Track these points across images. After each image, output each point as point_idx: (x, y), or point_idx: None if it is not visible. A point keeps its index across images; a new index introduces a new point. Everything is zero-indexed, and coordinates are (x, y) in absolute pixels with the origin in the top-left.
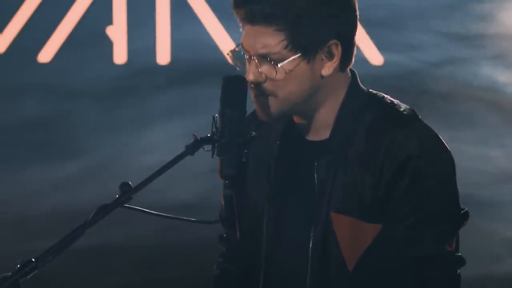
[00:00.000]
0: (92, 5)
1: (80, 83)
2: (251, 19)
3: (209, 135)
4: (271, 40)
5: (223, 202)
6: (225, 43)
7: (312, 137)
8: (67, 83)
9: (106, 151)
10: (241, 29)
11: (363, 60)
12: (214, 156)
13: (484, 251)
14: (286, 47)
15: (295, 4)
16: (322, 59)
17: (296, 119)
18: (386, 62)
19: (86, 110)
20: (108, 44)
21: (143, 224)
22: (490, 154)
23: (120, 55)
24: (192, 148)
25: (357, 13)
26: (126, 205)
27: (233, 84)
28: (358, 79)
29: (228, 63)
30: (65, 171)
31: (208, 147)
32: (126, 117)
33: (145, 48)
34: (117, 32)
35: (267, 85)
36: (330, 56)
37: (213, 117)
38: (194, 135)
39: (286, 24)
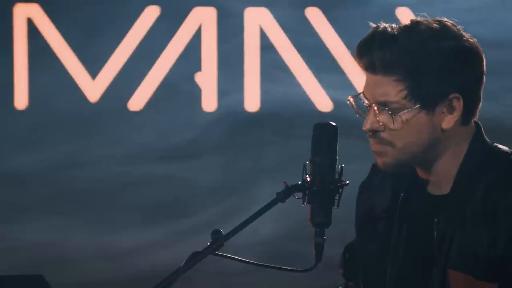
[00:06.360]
0: (183, 51)
1: (168, 138)
2: (372, 68)
3: (299, 182)
4: (390, 89)
5: (314, 251)
6: (313, 89)
7: (434, 190)
8: (157, 135)
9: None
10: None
11: None
12: (305, 203)
13: None
14: (405, 97)
15: (416, 54)
16: (443, 112)
17: (419, 172)
18: None
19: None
20: (197, 91)
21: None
22: None
23: (209, 102)
24: (283, 195)
25: (484, 68)
26: (218, 253)
27: (324, 132)
28: (482, 132)
29: (317, 113)
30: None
31: (299, 194)
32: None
33: (234, 95)
34: (206, 78)
35: (384, 135)
36: (451, 109)
37: (304, 164)
38: (285, 182)
39: (406, 75)
